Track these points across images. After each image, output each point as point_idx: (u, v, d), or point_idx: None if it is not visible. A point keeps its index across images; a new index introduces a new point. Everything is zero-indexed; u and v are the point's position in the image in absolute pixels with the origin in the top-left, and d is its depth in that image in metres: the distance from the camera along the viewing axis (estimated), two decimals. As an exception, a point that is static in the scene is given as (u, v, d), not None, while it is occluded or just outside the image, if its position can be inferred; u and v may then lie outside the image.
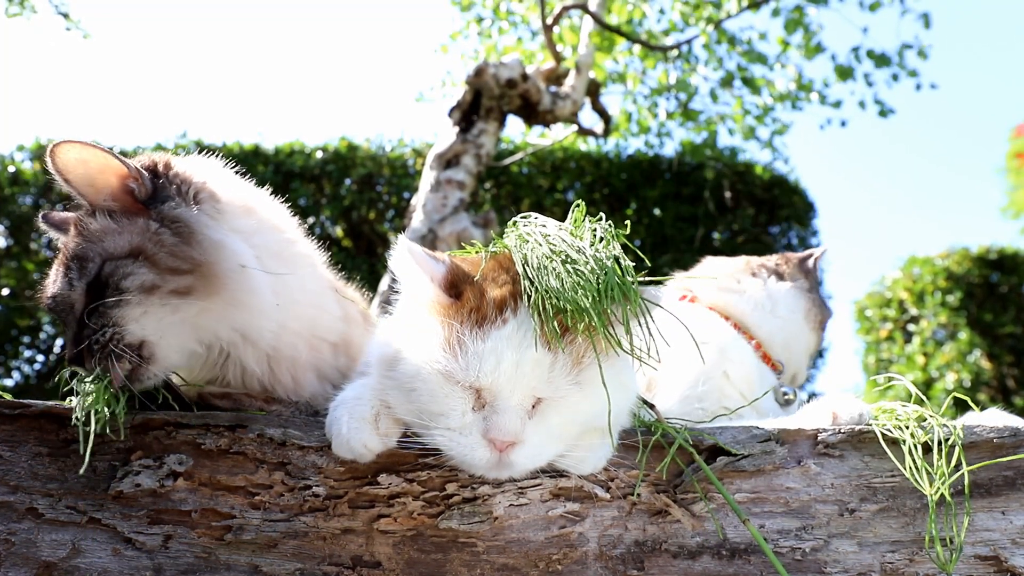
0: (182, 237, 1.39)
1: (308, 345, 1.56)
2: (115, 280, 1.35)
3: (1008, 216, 10.22)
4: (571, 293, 1.18)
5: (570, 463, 1.28)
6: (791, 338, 2.08)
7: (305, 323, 1.55)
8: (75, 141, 1.38)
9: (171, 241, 1.38)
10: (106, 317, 1.35)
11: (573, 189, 7.69)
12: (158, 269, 1.36)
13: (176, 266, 1.37)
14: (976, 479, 1.37)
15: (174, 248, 1.38)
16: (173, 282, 1.37)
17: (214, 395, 1.49)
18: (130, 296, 1.34)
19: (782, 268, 2.19)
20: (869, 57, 6.85)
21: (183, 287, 1.37)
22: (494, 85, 5.81)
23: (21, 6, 8.04)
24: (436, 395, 1.18)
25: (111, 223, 1.40)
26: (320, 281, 1.64)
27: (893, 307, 9.17)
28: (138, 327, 1.36)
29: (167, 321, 1.38)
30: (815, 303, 2.16)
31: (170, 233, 1.39)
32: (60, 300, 1.40)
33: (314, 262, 1.66)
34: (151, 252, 1.37)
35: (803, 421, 1.47)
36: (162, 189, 1.44)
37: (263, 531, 1.29)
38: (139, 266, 1.36)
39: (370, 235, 7.36)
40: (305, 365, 1.57)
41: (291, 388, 1.55)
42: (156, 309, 1.36)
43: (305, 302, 1.55)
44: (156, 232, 1.39)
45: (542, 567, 1.30)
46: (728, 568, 1.31)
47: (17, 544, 1.27)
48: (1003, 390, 8.26)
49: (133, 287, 1.35)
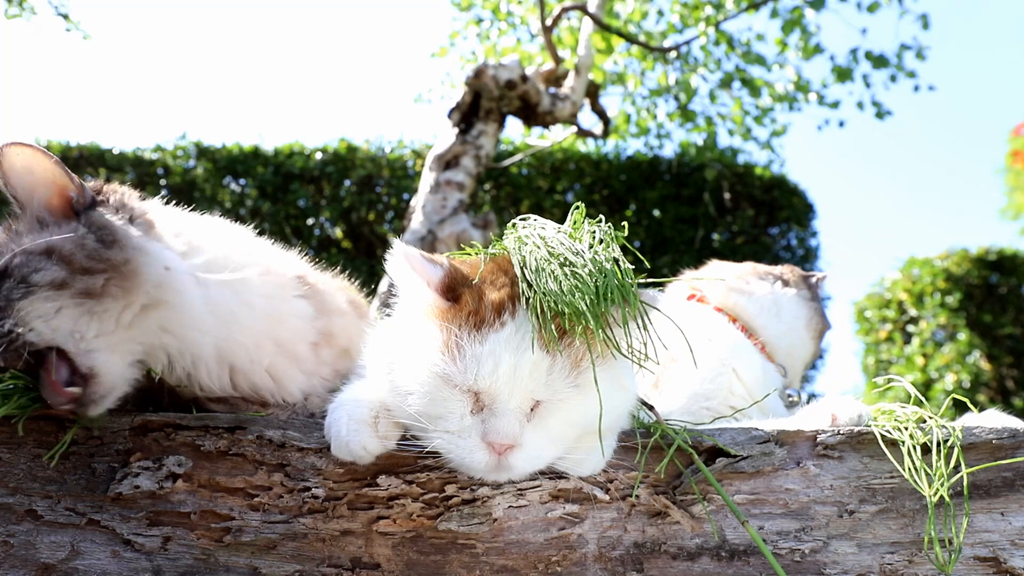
0: (104, 244, 1.33)
1: (274, 352, 1.53)
2: (22, 272, 1.26)
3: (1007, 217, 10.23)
4: (569, 296, 1.18)
5: (569, 465, 1.28)
6: (794, 344, 2.11)
7: (261, 333, 1.50)
8: (26, 144, 1.33)
9: (93, 246, 1.32)
10: (9, 307, 1.24)
11: (572, 190, 7.70)
12: (71, 268, 1.28)
13: (90, 267, 1.29)
14: (975, 480, 1.37)
15: (93, 251, 1.31)
16: (83, 282, 1.28)
17: (210, 398, 1.49)
18: (38, 290, 1.25)
19: (787, 276, 2.22)
20: (867, 59, 6.86)
21: (94, 287, 1.28)
22: (494, 86, 5.82)
23: (21, 7, 8.04)
24: (434, 398, 1.18)
25: (37, 226, 1.35)
26: (276, 287, 1.58)
27: (892, 308, 9.17)
28: (46, 326, 1.25)
29: (85, 325, 1.28)
30: (817, 312, 2.19)
31: (94, 239, 1.33)
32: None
33: (268, 269, 1.59)
34: (68, 252, 1.29)
35: (802, 422, 1.47)
36: (100, 204, 1.40)
37: (262, 533, 1.29)
38: (51, 263, 1.28)
39: (369, 236, 7.37)
40: (279, 367, 1.54)
41: (273, 389, 1.54)
42: (70, 309, 1.27)
43: (257, 305, 1.50)
44: (81, 237, 1.32)
45: (541, 568, 1.30)
46: (727, 570, 1.31)
47: (16, 546, 1.27)
48: (1002, 391, 8.27)
49: (43, 282, 1.26)
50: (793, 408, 1.95)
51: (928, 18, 6.77)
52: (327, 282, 1.79)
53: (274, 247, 1.71)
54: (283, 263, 1.68)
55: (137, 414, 1.37)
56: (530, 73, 6.31)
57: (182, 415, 1.37)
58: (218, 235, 1.58)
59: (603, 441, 1.31)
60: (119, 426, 1.37)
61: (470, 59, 8.74)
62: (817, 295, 2.23)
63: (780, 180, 7.83)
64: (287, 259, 1.72)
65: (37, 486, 1.32)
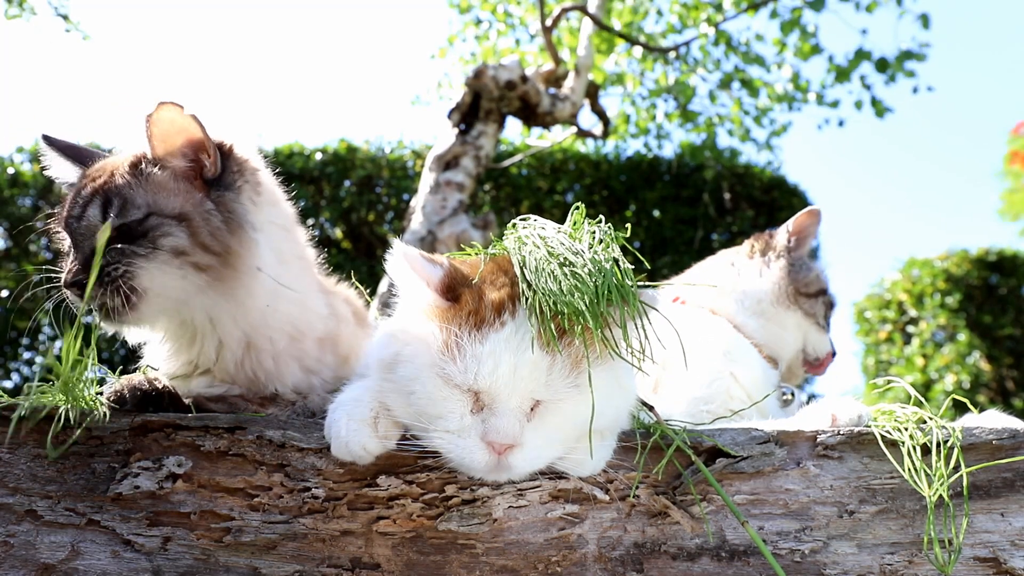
0: (228, 226, 1.48)
1: (288, 337, 1.61)
2: (154, 235, 1.44)
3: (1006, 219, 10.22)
4: (568, 296, 1.18)
5: (569, 465, 1.28)
6: (775, 333, 2.06)
7: (287, 319, 1.60)
8: (178, 105, 1.46)
9: (217, 223, 1.47)
10: (128, 259, 1.42)
11: (572, 191, 7.70)
12: (194, 240, 1.45)
13: (210, 244, 1.46)
14: (975, 481, 1.37)
15: (217, 230, 1.47)
16: (199, 256, 1.45)
17: (209, 398, 1.49)
18: (161, 253, 1.43)
19: (755, 251, 2.16)
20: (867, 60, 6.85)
21: (204, 263, 1.46)
22: (493, 87, 5.82)
23: (20, 8, 8.04)
24: (434, 398, 1.18)
25: (171, 181, 1.48)
26: (309, 280, 1.69)
27: (892, 309, 9.18)
28: (149, 279, 1.44)
29: (172, 284, 1.46)
30: (788, 273, 2.10)
31: (220, 218, 1.48)
32: (87, 225, 1.46)
33: (308, 263, 1.71)
34: (197, 224, 1.46)
35: (802, 423, 1.47)
36: (226, 173, 1.53)
37: (262, 533, 1.29)
38: (180, 230, 1.44)
39: (369, 237, 7.37)
40: (285, 355, 1.60)
41: (273, 374, 1.58)
42: (172, 271, 1.45)
43: (291, 299, 1.60)
44: (208, 211, 1.48)
45: (541, 569, 1.30)
46: (727, 570, 1.31)
47: (16, 546, 1.27)
48: (1002, 392, 8.27)
49: (167, 247, 1.43)
50: (787, 406, 1.95)
51: (928, 18, 6.77)
52: (334, 289, 1.81)
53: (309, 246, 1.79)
54: (313, 259, 1.78)
55: (137, 414, 1.37)
56: (530, 74, 6.31)
57: (182, 415, 1.38)
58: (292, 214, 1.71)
59: (603, 441, 1.31)
60: (119, 426, 1.37)
61: (469, 60, 8.74)
62: (784, 249, 2.14)
63: (780, 181, 7.83)
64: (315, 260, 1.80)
65: (37, 486, 1.32)
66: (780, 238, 2.16)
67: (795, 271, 2.11)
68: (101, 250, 1.33)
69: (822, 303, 2.13)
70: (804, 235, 2.16)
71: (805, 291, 2.10)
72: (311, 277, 1.70)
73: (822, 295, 2.13)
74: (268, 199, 1.61)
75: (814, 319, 2.11)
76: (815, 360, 2.16)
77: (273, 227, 1.59)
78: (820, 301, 2.12)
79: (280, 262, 1.57)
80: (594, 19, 6.63)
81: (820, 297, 2.12)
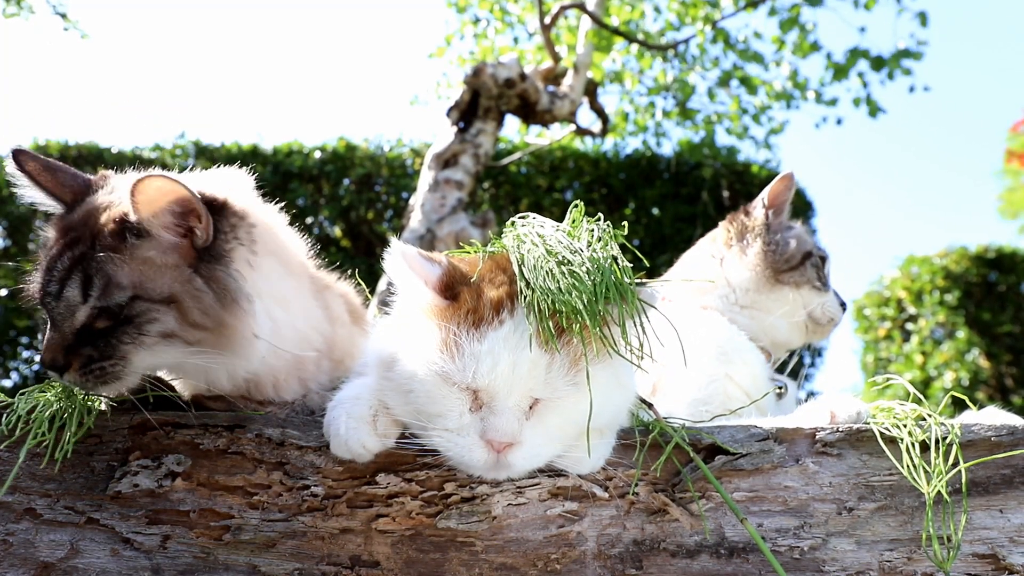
0: (221, 302, 1.36)
1: (291, 365, 1.55)
2: (140, 321, 1.32)
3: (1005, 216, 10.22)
4: (566, 294, 1.18)
5: (568, 463, 1.28)
6: (766, 323, 2.01)
7: (287, 357, 1.52)
8: (166, 177, 1.31)
9: (209, 302, 1.35)
10: (114, 349, 1.32)
11: (571, 189, 7.69)
12: (184, 321, 1.34)
13: (202, 322, 1.35)
14: (974, 477, 1.37)
15: (208, 308, 1.35)
16: (189, 334, 1.35)
17: (207, 397, 1.49)
18: (148, 339, 1.33)
19: (731, 236, 2.10)
20: (864, 58, 6.85)
21: (195, 339, 1.35)
22: (492, 85, 5.82)
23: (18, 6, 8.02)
24: (433, 396, 1.18)
25: (159, 255, 1.35)
26: (310, 304, 1.60)
27: (891, 306, 9.18)
28: (140, 361, 1.35)
29: (160, 360, 1.38)
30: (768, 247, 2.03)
31: (212, 296, 1.36)
32: (66, 306, 1.33)
33: (304, 285, 1.61)
34: (186, 306, 1.34)
35: (801, 420, 1.47)
36: (219, 237, 1.39)
37: (261, 531, 1.29)
38: (167, 314, 1.33)
39: (368, 235, 7.36)
40: (286, 377, 1.55)
41: (272, 395, 1.55)
42: (160, 349, 1.35)
43: (293, 334, 1.51)
44: (198, 289, 1.35)
45: (540, 566, 1.30)
46: (727, 567, 1.32)
47: (15, 544, 1.27)
48: (1001, 389, 8.28)
49: (154, 332, 1.33)
50: (781, 399, 1.92)
51: (927, 15, 6.76)
52: (331, 286, 1.79)
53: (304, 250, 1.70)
54: (309, 267, 1.69)
55: (136, 413, 1.37)
56: (529, 72, 6.31)
57: (181, 414, 1.38)
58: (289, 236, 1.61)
59: (602, 439, 1.31)
60: (118, 425, 1.37)
61: (467, 59, 8.73)
62: (763, 227, 2.06)
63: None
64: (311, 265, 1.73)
65: (36, 485, 1.32)
66: (757, 214, 2.09)
67: (772, 251, 2.04)
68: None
69: (811, 266, 2.05)
70: (781, 204, 2.09)
71: (787, 267, 2.03)
72: (309, 296, 1.62)
73: (808, 259, 2.05)
74: (266, 249, 1.48)
75: (809, 285, 2.03)
76: (829, 321, 2.07)
77: (273, 275, 1.49)
78: (807, 265, 2.04)
79: (283, 310, 1.49)
80: (593, 17, 6.63)
81: (807, 262, 2.04)
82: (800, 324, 2.05)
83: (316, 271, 1.76)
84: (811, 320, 2.06)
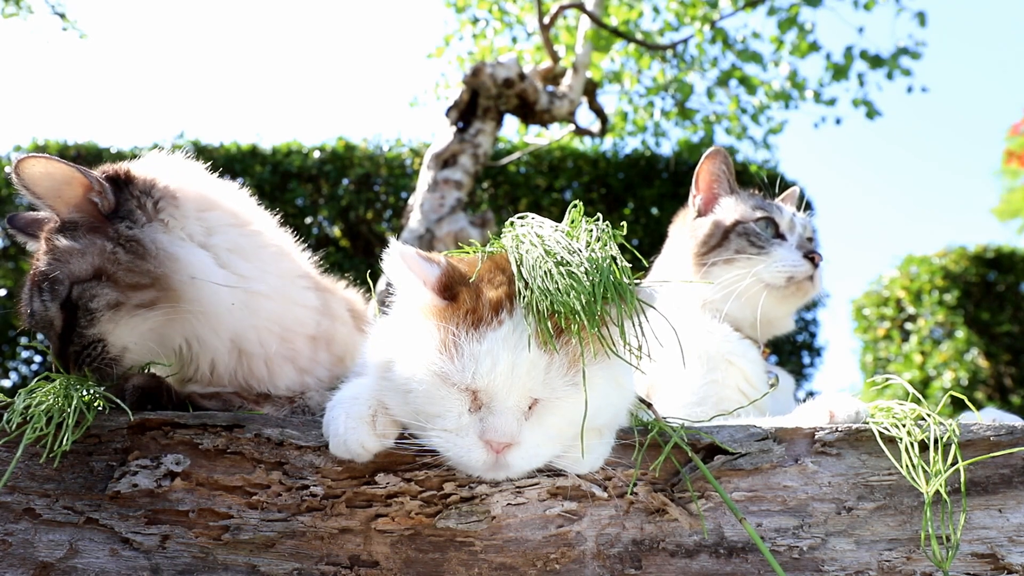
0: (136, 254, 1.45)
1: (279, 338, 1.60)
2: (85, 302, 1.44)
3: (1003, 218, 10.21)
4: (564, 295, 1.18)
5: (567, 463, 1.28)
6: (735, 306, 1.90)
7: (271, 316, 1.59)
8: (40, 156, 1.43)
9: (126, 259, 1.45)
10: (86, 336, 1.45)
11: (570, 189, 7.69)
12: (119, 287, 1.44)
13: (136, 282, 1.45)
14: (973, 477, 1.37)
15: (130, 265, 1.45)
16: (135, 296, 1.45)
17: (202, 395, 1.49)
18: (99, 314, 1.43)
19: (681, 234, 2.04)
20: (863, 58, 6.86)
21: (147, 300, 1.46)
22: (491, 85, 5.82)
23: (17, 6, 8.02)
24: (432, 397, 1.18)
25: (74, 243, 1.46)
26: (289, 272, 1.68)
27: (891, 306, 9.18)
28: (114, 338, 1.47)
29: (139, 330, 1.47)
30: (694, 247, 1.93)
31: (124, 251, 1.45)
32: (39, 318, 1.49)
33: (284, 252, 1.69)
34: (111, 271, 1.44)
35: (800, 420, 1.47)
36: (123, 203, 1.49)
37: (260, 531, 1.29)
38: (104, 287, 1.44)
39: (368, 235, 7.36)
40: (277, 357, 1.60)
41: (265, 379, 1.58)
42: (126, 320, 1.45)
43: (271, 294, 1.59)
44: (112, 252, 1.45)
45: (540, 566, 1.30)
46: (726, 567, 1.32)
47: (14, 544, 1.27)
48: (1000, 388, 8.27)
49: (101, 306, 1.43)
50: (772, 389, 1.88)
51: (925, 15, 6.77)
52: (332, 287, 1.81)
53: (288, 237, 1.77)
54: (294, 251, 1.75)
55: (135, 413, 1.37)
56: (528, 71, 6.31)
57: (180, 413, 1.37)
58: (244, 208, 1.68)
59: (601, 439, 1.31)
60: (117, 424, 1.37)
61: (466, 59, 8.73)
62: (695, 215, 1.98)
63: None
64: (299, 254, 1.78)
65: (35, 484, 1.32)
66: (690, 208, 2.03)
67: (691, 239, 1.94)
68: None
69: (737, 236, 1.90)
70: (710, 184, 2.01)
71: (706, 249, 1.92)
72: (288, 264, 1.68)
73: (732, 231, 1.90)
74: (193, 207, 1.57)
75: (743, 256, 1.87)
76: (788, 279, 1.88)
77: (219, 229, 1.57)
78: (732, 236, 1.90)
79: (235, 255, 1.56)
80: (591, 16, 6.63)
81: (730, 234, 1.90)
82: (758, 297, 1.88)
83: (321, 277, 1.78)
84: (770, 288, 1.88)
